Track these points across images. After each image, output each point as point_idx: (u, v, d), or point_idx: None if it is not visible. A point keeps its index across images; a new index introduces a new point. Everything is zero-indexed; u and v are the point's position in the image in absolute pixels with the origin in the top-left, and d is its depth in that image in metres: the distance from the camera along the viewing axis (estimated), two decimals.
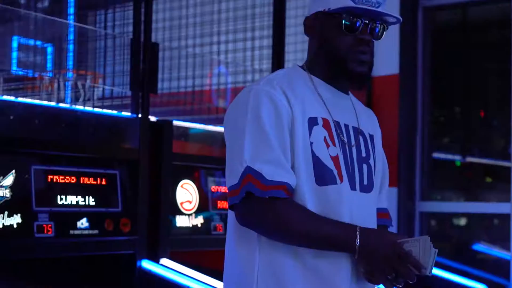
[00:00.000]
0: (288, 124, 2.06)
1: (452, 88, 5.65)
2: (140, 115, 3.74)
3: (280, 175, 2.01)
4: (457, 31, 5.60)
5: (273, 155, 2.03)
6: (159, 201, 3.72)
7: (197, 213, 3.88)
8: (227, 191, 2.07)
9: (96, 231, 3.44)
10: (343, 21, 2.14)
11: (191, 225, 3.85)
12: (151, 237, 3.68)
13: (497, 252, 5.39)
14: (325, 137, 2.10)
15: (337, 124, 2.15)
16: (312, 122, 2.10)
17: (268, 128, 2.04)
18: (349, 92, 2.28)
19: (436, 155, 5.60)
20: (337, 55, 2.15)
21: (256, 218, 2.04)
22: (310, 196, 2.06)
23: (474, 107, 5.65)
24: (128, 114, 3.76)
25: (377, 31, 2.17)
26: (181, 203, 3.83)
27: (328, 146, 2.09)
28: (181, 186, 3.85)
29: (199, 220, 3.89)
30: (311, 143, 2.07)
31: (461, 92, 5.64)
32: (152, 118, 3.82)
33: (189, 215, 3.85)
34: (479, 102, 5.65)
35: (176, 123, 3.90)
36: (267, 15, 4.50)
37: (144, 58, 3.82)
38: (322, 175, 2.07)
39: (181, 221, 3.82)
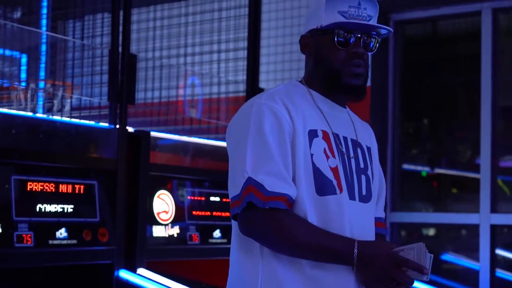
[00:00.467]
0: (289, 137, 2.13)
1: (422, 100, 5.79)
2: (118, 126, 3.79)
3: (281, 187, 2.08)
4: (427, 45, 5.74)
5: (275, 167, 2.10)
6: (136, 211, 3.77)
7: (173, 223, 3.93)
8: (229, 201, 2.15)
9: (74, 241, 3.48)
10: (336, 37, 2.22)
11: (167, 235, 3.90)
12: (129, 247, 3.72)
13: (465, 262, 5.51)
14: (325, 148, 2.17)
15: (336, 136, 2.23)
16: (313, 134, 2.17)
17: (270, 140, 2.11)
18: (346, 106, 2.35)
19: (405, 166, 5.72)
20: (332, 70, 2.23)
21: (256, 228, 2.12)
22: (310, 206, 2.13)
23: (443, 119, 5.78)
24: (106, 124, 3.80)
25: (370, 44, 2.25)
26: (158, 213, 3.88)
27: (328, 157, 2.17)
28: (158, 197, 3.91)
29: (175, 230, 3.94)
30: (312, 155, 2.15)
31: (431, 104, 5.78)
32: (130, 129, 3.87)
33: (165, 225, 3.90)
34: (448, 114, 5.78)
35: (154, 134, 3.96)
36: (242, 27, 4.58)
37: (122, 69, 3.87)
38: (322, 186, 2.14)
39: (158, 231, 3.87)
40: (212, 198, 4.16)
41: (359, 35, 2.23)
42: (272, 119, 2.14)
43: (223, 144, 4.41)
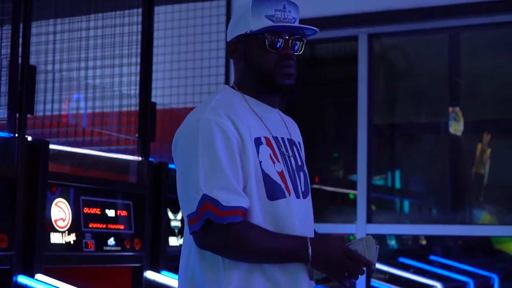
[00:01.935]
0: (238, 149, 2.25)
1: (303, 120, 6.19)
2: (17, 135, 3.95)
3: (235, 200, 2.20)
4: (306, 67, 6.14)
5: (227, 181, 2.21)
6: (34, 218, 3.90)
7: (70, 230, 4.10)
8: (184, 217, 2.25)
9: None
10: (266, 40, 2.33)
11: (64, 242, 4.06)
12: (27, 253, 3.85)
13: None
14: (270, 154, 2.31)
15: (276, 139, 2.37)
16: (258, 142, 2.30)
17: (221, 156, 2.22)
18: (276, 106, 2.47)
19: None
20: (265, 72, 2.35)
21: (215, 242, 2.24)
22: (263, 212, 2.27)
23: (319, 139, 6.20)
24: (5, 133, 3.95)
25: (297, 45, 2.38)
26: (55, 221, 4.04)
27: (274, 162, 2.31)
28: (55, 204, 4.06)
29: (71, 238, 4.11)
30: (260, 162, 2.28)
31: (310, 125, 6.17)
32: (29, 138, 4.02)
33: (62, 232, 4.06)
34: (325, 134, 6.20)
35: (52, 146, 4.12)
36: (135, 44, 4.84)
37: (22, 80, 4.04)
38: (272, 191, 2.29)
39: (55, 238, 4.03)
40: (107, 207, 4.35)
41: (287, 37, 2.34)
42: (220, 135, 2.23)
43: (116, 155, 4.65)
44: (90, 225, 4.22)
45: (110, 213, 4.37)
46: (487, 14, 5.18)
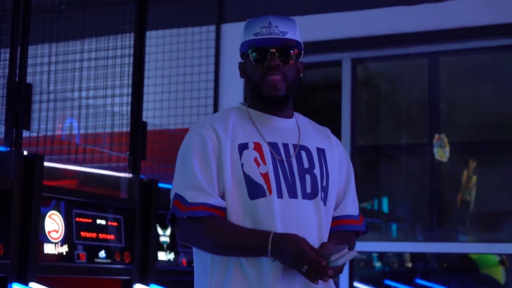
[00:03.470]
0: (214, 152, 2.50)
1: None
2: (14, 149, 4.21)
3: (199, 197, 2.45)
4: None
5: (195, 181, 2.47)
6: (29, 229, 4.09)
7: (63, 242, 4.33)
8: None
9: None
10: (250, 55, 2.56)
11: (57, 253, 4.28)
12: (22, 262, 4.04)
13: None
14: (256, 157, 2.51)
15: (272, 145, 2.56)
16: (243, 147, 2.52)
17: (193, 159, 2.49)
18: (295, 115, 2.69)
19: None
20: (254, 85, 2.58)
21: (181, 235, 2.56)
22: (243, 210, 2.47)
23: None
24: (3, 148, 4.22)
25: (286, 56, 2.53)
26: (49, 232, 4.27)
27: (258, 165, 2.49)
28: (49, 216, 4.30)
29: (64, 249, 4.34)
30: (242, 164, 2.49)
31: None
32: (24, 152, 4.29)
33: (55, 243, 4.29)
34: None
35: (47, 163, 4.36)
36: (128, 66, 5.13)
37: (19, 97, 4.32)
38: (253, 190, 2.48)
39: (49, 249, 4.26)
40: (98, 221, 4.57)
41: (273, 50, 2.51)
42: (198, 141, 2.51)
43: (108, 172, 4.91)
44: (82, 238, 4.42)
45: (102, 226, 4.58)
46: (465, 40, 5.47)
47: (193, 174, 2.49)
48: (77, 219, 4.44)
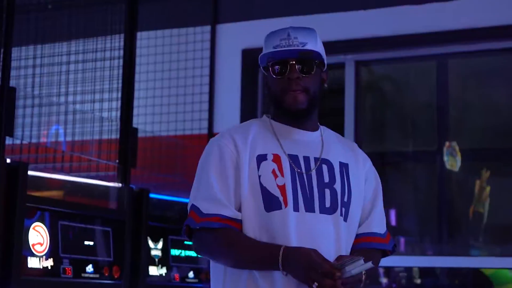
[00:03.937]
0: (233, 164, 2.53)
1: None
2: None
3: (214, 209, 2.49)
4: None
5: (211, 193, 2.51)
6: (12, 241, 3.94)
7: (48, 255, 4.13)
8: None
9: None
10: (270, 68, 2.58)
11: (41, 267, 4.09)
12: (4, 277, 3.88)
13: None
14: (274, 169, 2.53)
15: (293, 157, 2.57)
16: (261, 158, 2.54)
17: (211, 171, 2.54)
18: (320, 128, 2.69)
19: None
20: (275, 98, 2.60)
21: (196, 246, 2.55)
22: (259, 222, 2.50)
23: None
24: None
25: (306, 67, 2.54)
26: (33, 245, 4.07)
27: (276, 177, 2.52)
28: (33, 228, 4.09)
29: (49, 263, 4.14)
30: (259, 176, 2.52)
31: None
32: (7, 160, 4.06)
33: (40, 257, 4.09)
34: None
35: (31, 172, 4.16)
36: (117, 68, 4.93)
37: (1, 102, 4.09)
38: (269, 203, 2.50)
39: (33, 263, 4.05)
40: (85, 233, 4.39)
41: (293, 62, 2.53)
42: (216, 152, 2.56)
43: (95, 181, 4.70)
44: (68, 251, 4.25)
45: (89, 239, 4.40)
46: (476, 41, 5.32)
47: (209, 185, 2.53)
48: (63, 231, 4.26)
